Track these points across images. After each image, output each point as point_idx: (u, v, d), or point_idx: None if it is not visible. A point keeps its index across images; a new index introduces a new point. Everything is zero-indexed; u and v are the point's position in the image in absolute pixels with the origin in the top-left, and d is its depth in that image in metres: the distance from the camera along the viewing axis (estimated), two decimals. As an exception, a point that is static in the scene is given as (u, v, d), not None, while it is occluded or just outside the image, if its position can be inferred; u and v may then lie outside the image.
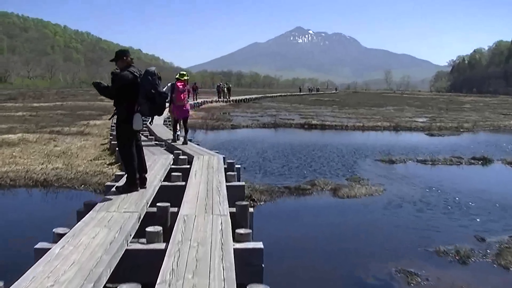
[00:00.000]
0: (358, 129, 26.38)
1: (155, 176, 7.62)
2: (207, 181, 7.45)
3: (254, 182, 10.78)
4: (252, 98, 62.84)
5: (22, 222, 8.05)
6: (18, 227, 7.80)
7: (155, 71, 6.42)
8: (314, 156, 15.72)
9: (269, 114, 36.06)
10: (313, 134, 24.36)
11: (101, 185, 9.88)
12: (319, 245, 7.19)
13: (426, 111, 46.17)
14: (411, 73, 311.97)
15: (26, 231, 7.29)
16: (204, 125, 25.71)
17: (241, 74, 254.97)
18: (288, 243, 7.16)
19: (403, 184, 11.54)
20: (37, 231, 6.51)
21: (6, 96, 60.69)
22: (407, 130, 26.63)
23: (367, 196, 10.06)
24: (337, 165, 14.01)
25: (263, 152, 16.31)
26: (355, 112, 40.86)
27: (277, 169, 13.06)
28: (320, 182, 10.99)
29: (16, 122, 23.91)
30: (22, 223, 8.01)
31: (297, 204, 9.54)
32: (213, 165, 8.89)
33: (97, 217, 5.35)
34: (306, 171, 12.82)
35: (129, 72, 6.39)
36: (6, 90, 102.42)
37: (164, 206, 5.93)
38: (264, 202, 9.30)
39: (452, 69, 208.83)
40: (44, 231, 5.58)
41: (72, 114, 30.60)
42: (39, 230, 6.70)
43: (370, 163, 14.60)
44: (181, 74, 12.17)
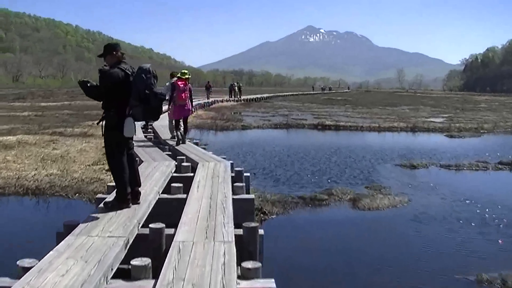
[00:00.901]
0: (374, 130, 25.29)
1: (152, 188, 6.68)
2: (211, 195, 6.49)
3: (265, 191, 9.83)
4: (263, 97, 61.88)
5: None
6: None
7: (150, 69, 5.48)
8: (329, 160, 14.72)
9: (281, 114, 35.08)
10: (327, 136, 23.32)
11: (96, 194, 8.96)
12: (341, 275, 6.17)
13: (441, 110, 44.97)
14: (423, 72, 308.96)
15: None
16: (213, 126, 24.79)
17: (252, 73, 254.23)
18: (304, 275, 6.14)
19: (428, 193, 10.49)
20: (9, 255, 5.57)
21: (16, 96, 60.44)
22: (425, 131, 25.49)
23: (390, 208, 9.05)
24: (355, 170, 12.99)
25: (275, 156, 15.33)
26: (369, 112, 39.75)
27: (290, 175, 12.09)
28: (338, 191, 9.99)
29: (20, 123, 23.20)
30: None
31: (313, 218, 8.53)
32: (219, 174, 7.93)
33: (74, 244, 4.41)
34: (322, 178, 11.83)
35: (120, 69, 5.46)
36: (17, 89, 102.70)
37: (157, 228, 4.98)
38: (276, 215, 8.32)
39: (465, 68, 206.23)
40: (18, 254, 4.66)
41: (79, 114, 29.88)
42: (11, 253, 5.75)
43: (390, 168, 13.56)
44: (182, 72, 11.65)
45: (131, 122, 5.44)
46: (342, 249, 7.07)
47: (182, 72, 11.71)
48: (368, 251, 6.98)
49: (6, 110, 33.75)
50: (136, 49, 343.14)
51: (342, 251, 6.98)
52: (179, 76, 11.55)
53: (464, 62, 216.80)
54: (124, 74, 5.45)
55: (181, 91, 11.25)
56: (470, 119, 33.30)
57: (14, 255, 4.68)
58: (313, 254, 6.74)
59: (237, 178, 8.20)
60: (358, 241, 7.40)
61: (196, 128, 23.97)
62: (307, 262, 6.41)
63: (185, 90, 11.35)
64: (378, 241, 7.41)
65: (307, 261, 6.45)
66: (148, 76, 5.40)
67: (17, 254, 4.47)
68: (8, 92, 75.56)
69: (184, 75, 11.51)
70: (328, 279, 5.95)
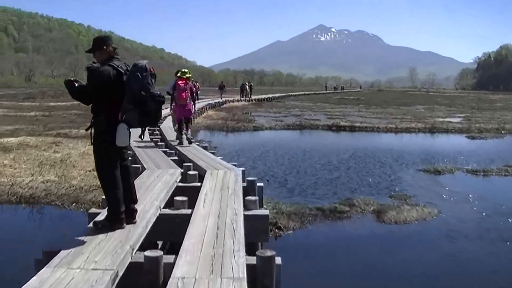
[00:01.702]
0: (391, 131, 24.28)
1: (153, 203, 5.83)
2: (219, 211, 5.62)
3: (280, 201, 8.95)
4: (275, 97, 60.92)
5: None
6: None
7: (147, 66, 4.63)
8: (347, 165, 13.79)
9: (294, 114, 34.15)
10: (342, 137, 22.37)
11: (94, 204, 8.19)
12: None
13: (457, 110, 43.85)
14: (435, 71, 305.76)
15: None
16: (224, 127, 23.94)
17: (264, 73, 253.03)
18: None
19: (458, 204, 9.54)
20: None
21: (26, 95, 60.31)
22: (444, 132, 24.44)
23: (419, 222, 8.12)
24: (375, 177, 12.05)
25: (288, 160, 14.44)
26: (384, 111, 38.71)
27: (306, 183, 11.20)
28: (360, 201, 9.07)
29: (25, 123, 22.58)
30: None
31: (334, 234, 7.63)
32: (229, 185, 7.06)
33: (49, 279, 3.57)
34: (340, 185, 10.93)
35: (111, 67, 4.62)
36: (29, 89, 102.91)
37: (154, 256, 4.14)
38: (292, 231, 7.44)
39: (478, 66, 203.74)
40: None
41: (87, 115, 29.02)
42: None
43: (413, 174, 12.61)
44: (182, 71, 11.40)
45: (124, 129, 4.60)
46: (369, 273, 6.18)
47: (182, 71, 11.43)
48: (399, 275, 6.08)
49: (14, 110, 33.27)
50: (148, 49, 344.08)
51: (369, 275, 6.09)
52: (179, 75, 11.29)
53: (476, 60, 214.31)
54: (116, 72, 4.61)
55: (182, 91, 11.00)
56: (488, 119, 32.21)
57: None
58: (338, 281, 5.84)
59: (249, 189, 7.34)
60: (387, 263, 6.50)
61: (207, 129, 23.17)
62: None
63: (185, 89, 11.08)
64: (410, 263, 6.50)
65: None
66: (144, 74, 4.56)
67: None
68: (19, 92, 75.67)
69: (184, 74, 11.24)
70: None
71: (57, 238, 6.47)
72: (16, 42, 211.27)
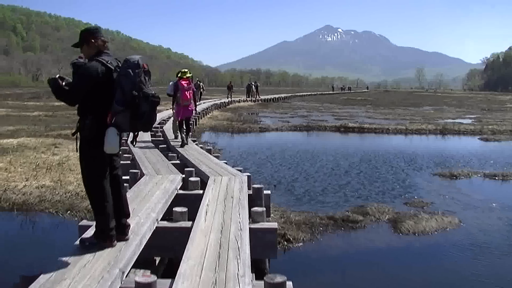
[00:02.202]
0: (400, 132, 23.60)
1: (149, 215, 5.27)
2: (222, 225, 5.04)
3: (287, 209, 8.37)
4: (281, 97, 60.33)
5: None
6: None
7: (140, 62, 4.07)
8: (357, 168, 13.15)
9: (300, 115, 33.54)
10: (351, 139, 21.73)
11: (90, 212, 7.62)
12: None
13: (467, 111, 43.09)
14: (442, 72, 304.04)
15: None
16: (229, 128, 23.36)
17: (270, 73, 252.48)
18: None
19: (480, 211, 8.90)
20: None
21: (32, 95, 60.05)
22: (456, 133, 23.72)
23: (439, 233, 7.50)
24: (388, 181, 11.42)
25: (296, 164, 13.83)
26: (392, 112, 38.03)
27: (315, 188, 10.59)
28: (374, 208, 8.46)
29: (28, 124, 22.12)
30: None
31: (349, 246, 6.99)
32: (233, 193, 6.48)
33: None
34: (351, 191, 10.32)
35: (99, 63, 4.06)
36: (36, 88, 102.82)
37: (146, 283, 3.58)
38: (302, 243, 6.83)
39: (486, 67, 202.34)
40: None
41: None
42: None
43: (428, 179, 11.97)
44: (183, 71, 11.27)
45: (114, 134, 4.02)
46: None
47: (182, 71, 11.29)
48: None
49: (19, 109, 32.88)
50: (154, 49, 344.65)
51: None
52: (180, 75, 11.13)
53: (485, 61, 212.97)
54: (105, 69, 4.04)
55: (186, 90, 10.85)
56: (500, 120, 31.43)
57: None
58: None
59: (255, 197, 6.77)
60: (406, 281, 5.90)
61: (212, 130, 22.61)
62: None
63: (189, 89, 10.95)
64: (430, 281, 5.88)
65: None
66: (136, 71, 3.99)
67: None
68: (25, 91, 75.52)
69: (185, 74, 11.11)
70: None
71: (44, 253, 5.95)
72: (24, 41, 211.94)
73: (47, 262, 3.91)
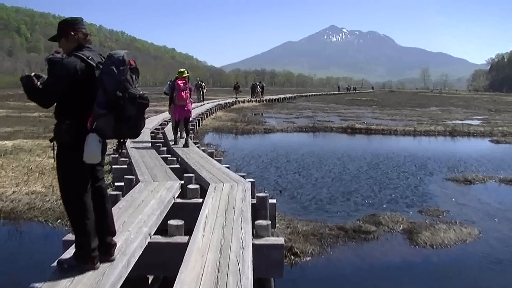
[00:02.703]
0: (409, 134, 22.96)
1: (140, 229, 4.72)
2: (222, 243, 4.47)
3: (294, 218, 7.80)
4: (286, 97, 59.72)
5: None
6: None
7: (125, 58, 3.50)
8: (367, 173, 12.53)
9: (306, 115, 32.94)
10: (358, 141, 21.13)
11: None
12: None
13: (474, 112, 42.41)
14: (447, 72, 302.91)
15: None
16: (233, 129, 22.79)
17: (275, 73, 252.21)
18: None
19: (500, 221, 8.28)
20: None
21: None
22: (465, 135, 23.08)
23: (458, 245, 6.91)
24: (399, 187, 10.82)
25: (303, 167, 13.25)
26: (399, 113, 37.39)
27: (323, 194, 10.01)
28: (387, 218, 7.88)
29: (26, 125, 21.62)
30: None
31: (362, 261, 6.38)
32: (235, 204, 5.91)
33: None
34: (362, 198, 9.72)
35: (78, 58, 3.50)
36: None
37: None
38: (311, 257, 6.25)
39: (491, 68, 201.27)
40: None
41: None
42: None
43: (441, 184, 11.37)
44: (180, 71, 11.22)
45: (94, 141, 3.47)
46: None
47: (180, 71, 11.24)
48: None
49: (19, 110, 32.46)
50: (159, 49, 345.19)
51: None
52: (177, 75, 11.12)
53: (490, 61, 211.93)
54: (85, 65, 3.49)
55: (182, 90, 10.82)
56: (509, 122, 30.76)
57: None
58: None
59: (259, 207, 6.20)
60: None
61: (215, 131, 22.06)
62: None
63: (185, 89, 10.92)
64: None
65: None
66: (121, 69, 3.43)
67: None
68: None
69: (182, 74, 11.06)
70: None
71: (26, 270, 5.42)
72: (28, 42, 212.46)
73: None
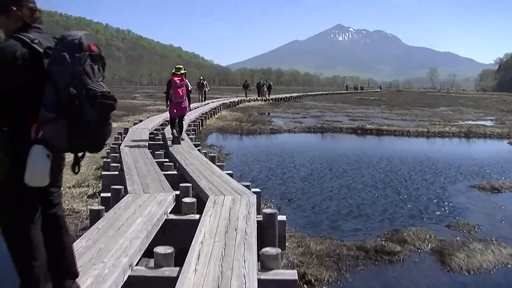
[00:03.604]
0: (422, 135, 21.89)
1: (118, 260, 3.75)
2: (218, 283, 3.51)
3: (306, 235, 6.82)
4: (292, 96, 58.68)
5: None
6: None
7: (83, 41, 2.52)
8: (383, 180, 11.44)
9: (313, 115, 31.91)
10: (370, 143, 20.06)
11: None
12: None
13: (486, 112, 41.28)
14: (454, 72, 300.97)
15: None
16: (238, 129, 21.79)
17: (281, 72, 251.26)
18: None
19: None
20: None
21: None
22: (481, 137, 22.00)
23: (499, 269, 5.89)
24: (421, 196, 9.75)
25: (312, 171, 12.28)
26: (409, 113, 36.30)
27: (337, 205, 9.00)
28: (412, 234, 6.87)
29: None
30: None
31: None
32: (238, 223, 4.93)
33: None
34: (380, 208, 8.72)
35: (20, 42, 2.53)
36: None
37: None
38: (327, 286, 5.28)
39: (499, 67, 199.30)
40: None
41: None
42: None
43: (465, 193, 10.33)
44: (177, 68, 11.03)
45: (40, 155, 2.48)
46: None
47: (177, 67, 11.07)
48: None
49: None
50: (165, 48, 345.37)
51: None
52: (174, 71, 10.90)
53: (498, 61, 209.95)
54: (28, 52, 2.51)
55: (178, 87, 10.66)
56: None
57: None
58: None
59: (266, 225, 5.23)
60: None
61: (219, 131, 21.09)
62: None
63: (182, 86, 10.74)
64: None
65: None
66: (77, 56, 2.46)
67: None
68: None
69: (179, 70, 10.87)
70: None
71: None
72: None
73: None
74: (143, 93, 64.50)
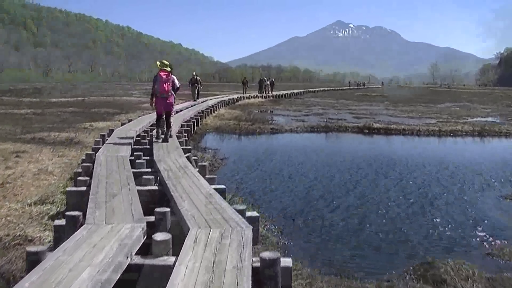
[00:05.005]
0: (433, 134, 20.35)
1: None
2: None
3: (315, 273, 5.37)
4: (293, 93, 57.16)
5: None
6: None
7: None
8: (403, 193, 9.79)
9: (315, 112, 30.36)
10: (379, 144, 18.50)
11: (6, 274, 4.84)
12: None
13: (493, 108, 39.85)
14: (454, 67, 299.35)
15: None
16: (236, 129, 20.29)
17: (281, 69, 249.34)
18: None
19: None
20: None
21: (34, 90, 57.92)
22: (496, 135, 20.52)
23: None
24: (448, 214, 8.19)
25: (318, 181, 10.80)
26: (414, 110, 34.79)
27: (351, 226, 7.52)
28: (449, 269, 5.40)
29: (8, 123, 19.28)
30: None
31: None
32: (224, 277, 3.49)
33: None
34: (403, 231, 7.26)
35: None
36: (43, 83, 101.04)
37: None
38: None
39: (500, 62, 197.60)
40: None
41: (84, 113, 26.00)
42: None
43: (499, 205, 8.84)
44: (162, 63, 10.79)
45: None
46: None
47: (162, 62, 10.84)
48: None
49: (9, 106, 30.14)
50: (165, 44, 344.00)
51: None
52: (159, 66, 10.66)
53: (498, 56, 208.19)
54: None
55: (164, 82, 10.47)
56: (534, 118, 28.32)
57: None
58: None
59: (266, 277, 3.79)
60: None
61: (216, 131, 19.62)
62: None
63: (167, 81, 10.52)
64: None
65: None
66: None
67: None
68: (30, 87, 73.47)
69: (163, 66, 10.64)
70: None
71: None
72: (35, 36, 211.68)
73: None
74: (141, 90, 63.13)
